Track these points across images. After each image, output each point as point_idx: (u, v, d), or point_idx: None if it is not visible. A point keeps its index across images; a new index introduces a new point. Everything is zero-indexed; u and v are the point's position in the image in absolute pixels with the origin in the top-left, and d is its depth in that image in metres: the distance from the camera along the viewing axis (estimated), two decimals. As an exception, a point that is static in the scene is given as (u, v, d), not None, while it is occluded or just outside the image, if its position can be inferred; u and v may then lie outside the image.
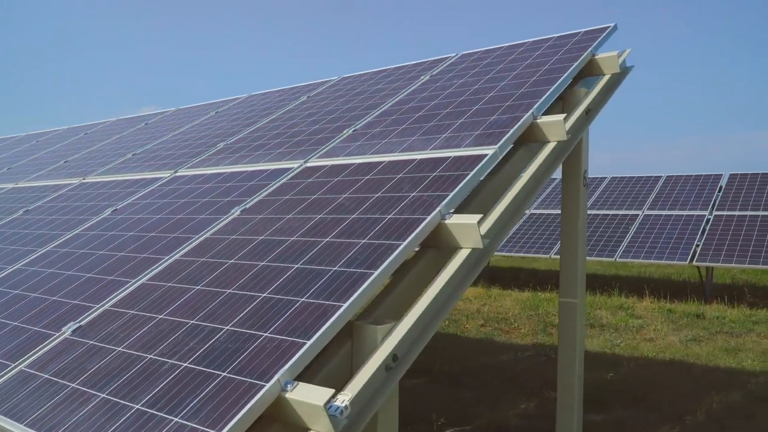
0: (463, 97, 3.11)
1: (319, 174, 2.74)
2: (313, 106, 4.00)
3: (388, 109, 3.35)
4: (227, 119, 4.53)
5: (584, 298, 3.02)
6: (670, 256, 8.77)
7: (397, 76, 4.04)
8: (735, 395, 4.93)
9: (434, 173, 2.32)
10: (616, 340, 6.87)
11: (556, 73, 2.97)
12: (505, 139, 2.41)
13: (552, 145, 2.58)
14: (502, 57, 3.61)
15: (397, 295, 1.95)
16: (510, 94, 2.92)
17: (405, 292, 1.97)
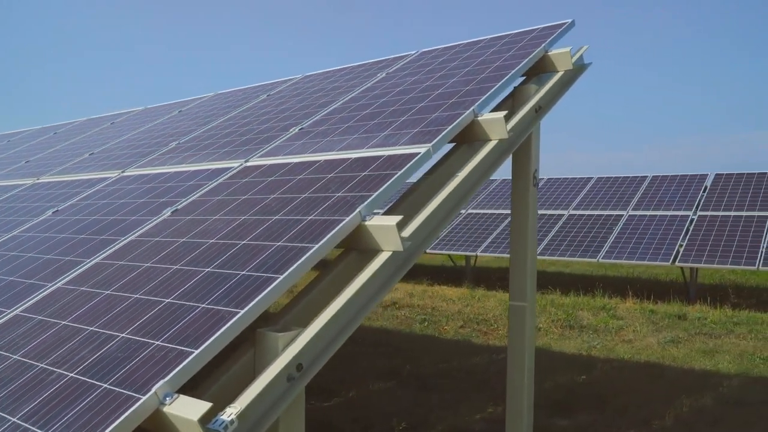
0: (411, 95, 3.03)
1: (256, 174, 2.65)
2: (270, 105, 3.91)
3: (339, 107, 3.26)
4: (187, 118, 4.45)
5: (534, 302, 2.94)
6: (653, 256, 8.70)
7: (357, 73, 3.95)
8: (707, 399, 4.86)
9: (364, 173, 2.24)
10: (593, 341, 6.79)
11: (505, 70, 2.89)
12: (439, 138, 2.33)
13: (493, 144, 2.50)
14: (459, 54, 3.53)
15: (312, 300, 1.86)
16: (457, 91, 2.84)
17: (320, 297, 1.89)
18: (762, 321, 7.68)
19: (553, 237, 9.85)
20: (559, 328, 7.53)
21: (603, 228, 9.68)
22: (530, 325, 2.92)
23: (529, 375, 2.94)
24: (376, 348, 6.59)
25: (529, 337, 2.92)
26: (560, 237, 9.77)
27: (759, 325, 7.49)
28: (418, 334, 7.36)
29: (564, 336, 7.14)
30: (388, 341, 6.93)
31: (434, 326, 7.82)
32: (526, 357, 2.91)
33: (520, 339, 2.91)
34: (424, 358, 6.18)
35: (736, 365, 5.79)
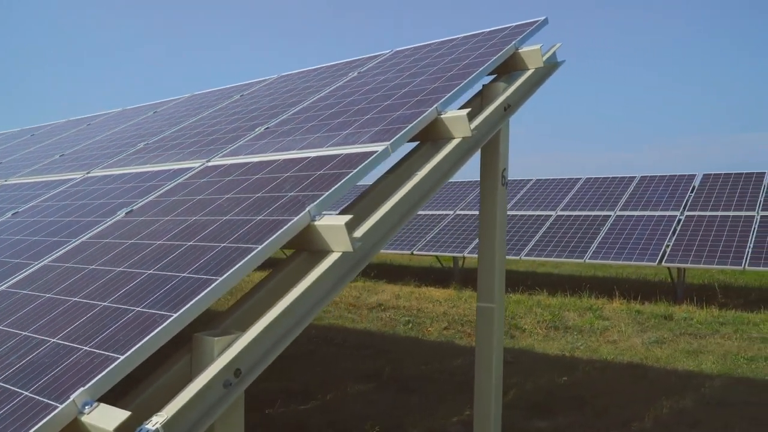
0: (378, 93, 2.97)
1: (215, 173, 2.59)
2: (241, 105, 3.85)
3: (306, 106, 3.21)
4: (161, 119, 4.38)
5: (502, 303, 2.89)
6: (640, 257, 8.67)
7: (329, 73, 3.90)
8: (688, 400, 4.82)
9: (319, 172, 2.18)
10: (577, 342, 6.75)
11: (472, 68, 2.84)
12: (398, 136, 2.27)
13: (456, 142, 2.45)
14: (432, 52, 3.48)
15: (257, 302, 1.80)
16: (423, 89, 2.79)
17: (267, 299, 1.83)
18: (748, 321, 7.65)
19: (540, 238, 9.81)
20: (544, 329, 7.49)
21: (590, 228, 9.65)
22: (498, 327, 2.87)
23: (497, 377, 2.89)
24: (358, 350, 6.53)
25: (497, 339, 2.87)
26: (547, 238, 9.73)
27: (744, 325, 7.47)
28: (402, 336, 7.30)
29: (548, 337, 7.10)
30: (370, 343, 6.87)
31: (418, 328, 7.76)
32: (494, 359, 2.86)
33: (488, 341, 2.85)
34: (406, 360, 6.12)
35: (720, 366, 5.75)
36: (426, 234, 11.12)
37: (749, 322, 7.61)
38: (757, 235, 8.38)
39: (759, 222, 8.67)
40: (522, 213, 10.84)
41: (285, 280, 1.89)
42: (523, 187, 11.90)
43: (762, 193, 9.28)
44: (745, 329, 7.23)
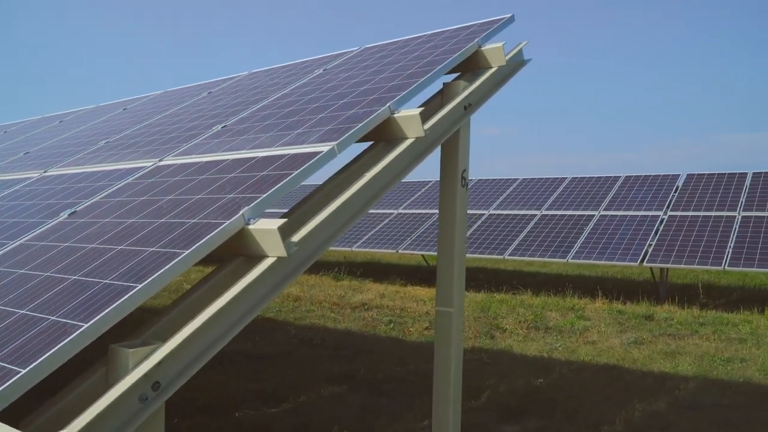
0: (338, 91, 2.91)
1: (164, 173, 2.52)
2: (206, 102, 3.78)
3: (267, 104, 3.14)
4: (128, 116, 4.30)
5: (461, 307, 2.83)
6: (622, 257, 8.64)
7: (297, 70, 3.83)
8: (661, 402, 4.78)
9: (263, 172, 2.11)
10: (556, 343, 6.71)
11: (432, 66, 2.78)
12: (346, 136, 2.21)
13: (410, 142, 2.39)
14: (398, 49, 3.42)
15: (184, 309, 1.74)
16: (381, 86, 2.73)
17: (194, 307, 1.76)
18: (728, 321, 7.64)
19: (524, 237, 9.78)
20: (525, 330, 7.45)
21: (574, 228, 9.61)
22: (457, 332, 2.81)
23: (456, 383, 2.83)
24: (336, 351, 6.47)
25: (456, 344, 2.81)
26: (531, 237, 9.69)
27: (724, 325, 7.45)
28: (382, 336, 7.24)
29: (528, 338, 7.06)
30: (349, 343, 6.81)
31: (400, 328, 7.71)
32: (453, 365, 2.80)
33: (446, 346, 2.80)
34: (383, 361, 6.07)
35: (696, 367, 5.72)
36: (412, 232, 11.07)
37: (729, 322, 7.59)
38: (737, 236, 8.37)
39: (740, 222, 8.66)
40: (507, 212, 10.80)
41: (217, 287, 1.82)
42: (509, 186, 11.86)
43: (743, 194, 9.27)
44: (724, 330, 7.21)
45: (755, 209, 8.93)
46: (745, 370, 5.64)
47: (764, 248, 8.06)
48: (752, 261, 7.85)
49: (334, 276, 11.85)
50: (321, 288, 10.84)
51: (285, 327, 7.64)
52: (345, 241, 11.47)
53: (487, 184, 12.25)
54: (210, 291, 1.80)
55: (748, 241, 8.26)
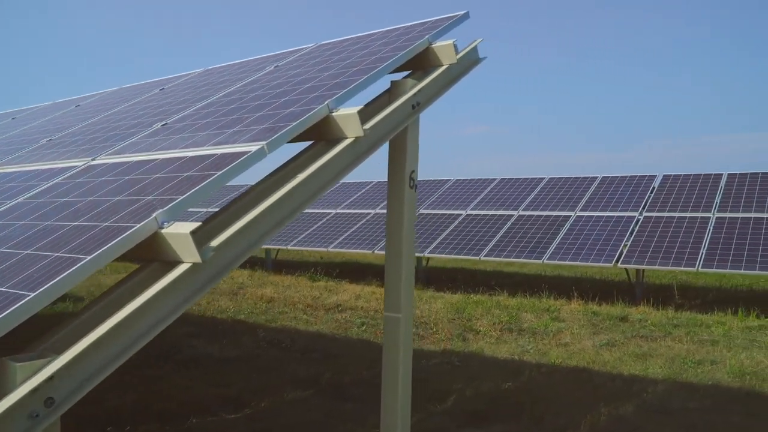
0: (283, 89, 2.80)
1: (93, 173, 2.40)
2: (155, 99, 3.66)
3: (212, 101, 3.03)
4: (78, 113, 4.17)
5: (410, 313, 2.73)
6: (597, 258, 8.60)
7: (250, 67, 3.72)
8: (629, 406, 4.72)
9: (188, 173, 2.00)
10: (528, 345, 6.65)
11: (378, 63, 2.68)
12: (278, 135, 2.10)
13: (348, 142, 2.29)
14: (352, 46, 3.32)
15: (87, 320, 1.62)
16: (325, 84, 2.62)
17: (100, 316, 1.65)
18: (701, 323, 7.62)
19: (501, 238, 9.72)
20: (498, 331, 7.38)
21: (550, 229, 9.57)
22: (405, 339, 2.72)
23: (404, 390, 2.74)
24: (304, 354, 6.36)
25: (404, 350, 2.72)
26: (507, 238, 9.64)
27: (698, 327, 7.43)
28: (354, 339, 7.14)
29: (501, 340, 6.99)
30: (319, 346, 6.70)
31: (372, 330, 7.61)
32: (401, 372, 2.70)
33: (394, 353, 2.70)
34: (352, 364, 5.96)
35: (666, 370, 5.68)
36: (388, 233, 10.97)
37: (702, 323, 7.58)
38: (711, 237, 8.37)
39: (714, 223, 8.65)
40: (484, 213, 10.74)
41: (126, 295, 1.71)
42: (487, 186, 11.81)
43: (718, 195, 9.28)
44: (697, 332, 7.19)
45: (729, 210, 8.94)
46: (714, 372, 5.61)
47: (738, 249, 8.06)
48: (725, 262, 7.84)
49: (310, 277, 11.73)
50: (297, 289, 10.71)
51: (255, 329, 7.52)
52: (321, 241, 11.35)
53: (465, 184, 12.19)
54: (119, 299, 1.69)
55: (722, 242, 8.26)
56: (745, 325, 7.47)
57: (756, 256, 7.82)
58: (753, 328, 7.33)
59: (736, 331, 7.24)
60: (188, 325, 7.75)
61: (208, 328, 7.64)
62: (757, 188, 9.32)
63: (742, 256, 7.90)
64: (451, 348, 6.62)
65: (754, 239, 8.18)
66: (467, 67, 2.98)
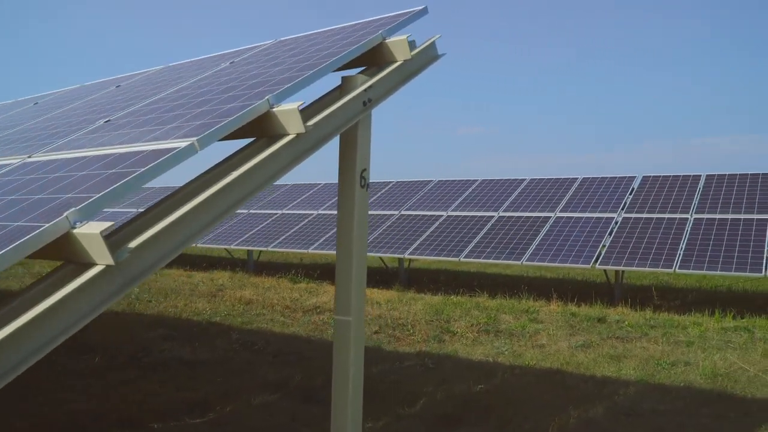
0: (230, 84, 2.72)
1: (24, 171, 2.31)
2: (107, 96, 3.56)
3: (162, 97, 2.94)
4: (34, 111, 4.06)
5: (361, 316, 2.66)
6: (575, 259, 8.57)
7: (208, 63, 3.63)
8: (599, 408, 4.67)
9: (111, 171, 1.92)
10: (503, 347, 6.59)
11: (328, 58, 2.60)
12: (211, 131, 2.02)
13: (290, 138, 2.21)
14: (307, 41, 3.24)
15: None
16: (272, 80, 2.54)
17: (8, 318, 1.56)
18: (678, 324, 7.60)
19: (481, 239, 9.67)
20: (475, 333, 7.33)
21: (530, 230, 9.53)
22: (356, 343, 2.64)
23: (355, 395, 2.66)
24: (277, 357, 6.27)
25: (354, 355, 2.64)
26: (488, 239, 9.59)
27: (674, 328, 7.41)
28: (329, 341, 7.05)
29: (477, 341, 6.93)
30: (293, 349, 6.61)
31: (348, 332, 7.52)
32: (351, 377, 2.63)
33: (345, 357, 2.63)
34: (324, 367, 5.87)
35: (640, 371, 5.64)
36: (369, 234, 10.89)
37: (679, 324, 7.55)
38: (689, 238, 8.35)
39: (692, 224, 8.65)
40: (465, 214, 10.69)
41: (40, 296, 1.62)
42: (468, 187, 11.76)
43: (696, 196, 9.28)
44: (673, 333, 7.16)
45: (707, 211, 8.94)
46: (687, 374, 5.57)
47: (714, 250, 8.05)
48: (702, 263, 7.83)
49: (291, 278, 11.63)
50: (276, 290, 10.61)
51: (229, 332, 7.41)
52: (302, 242, 11.26)
53: (447, 185, 12.14)
54: (32, 300, 1.60)
55: (699, 244, 8.25)
56: (721, 326, 7.46)
57: (732, 257, 7.82)
58: (729, 329, 7.32)
59: (712, 332, 7.22)
60: (162, 327, 7.64)
61: (183, 330, 7.53)
62: (734, 189, 9.33)
63: (719, 257, 7.89)
64: (427, 350, 6.55)
65: (730, 240, 8.18)
66: (424, 63, 2.91)
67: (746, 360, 6.01)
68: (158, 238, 1.76)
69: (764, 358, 6.09)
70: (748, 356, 6.14)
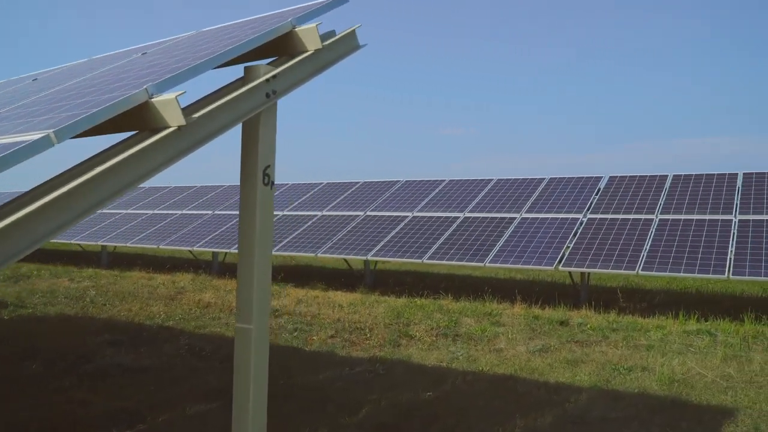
0: (126, 74, 2.51)
1: None
2: (19, 91, 3.32)
3: (59, 89, 2.72)
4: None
5: (264, 324, 2.46)
6: (538, 260, 8.44)
7: (121, 55, 3.41)
8: (547, 416, 4.51)
9: (-51, 165, 1.70)
10: (459, 351, 6.42)
11: (227, 47, 2.40)
12: (72, 123, 1.81)
13: (170, 131, 2.00)
14: (222, 32, 3.03)
15: None
16: (165, 69, 2.33)
17: None
18: (641, 327, 7.49)
19: (445, 240, 9.51)
20: (433, 337, 7.15)
21: (495, 231, 9.39)
22: (258, 352, 2.44)
23: (257, 407, 2.46)
24: (223, 363, 6.03)
25: (256, 365, 2.44)
26: (452, 240, 9.43)
27: (636, 331, 7.30)
28: (281, 346, 6.84)
29: (434, 346, 6.76)
30: (243, 354, 6.38)
31: (304, 336, 7.32)
32: (252, 389, 2.42)
33: (245, 368, 2.42)
34: (270, 373, 5.65)
35: (594, 377, 5.50)
36: (334, 235, 10.69)
37: (642, 328, 7.45)
38: (653, 239, 8.26)
39: (657, 225, 8.56)
40: (431, 214, 10.52)
41: None
42: (435, 187, 11.60)
43: (662, 196, 9.20)
44: (634, 336, 7.05)
45: (673, 212, 8.86)
46: (643, 380, 5.44)
47: (678, 252, 7.96)
48: (666, 265, 7.74)
49: (254, 281, 11.37)
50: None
51: (179, 336, 7.16)
52: (265, 244, 11.00)
53: (414, 185, 11.97)
54: None
55: (664, 245, 8.16)
56: (684, 329, 7.36)
57: (696, 259, 7.74)
58: (691, 332, 7.23)
59: (674, 335, 7.13)
60: (110, 333, 7.37)
61: (131, 335, 7.26)
62: (701, 190, 9.27)
63: (683, 258, 7.81)
64: (381, 355, 6.36)
65: (695, 241, 8.10)
66: (343, 53, 2.72)
67: (705, 365, 5.90)
68: (5, 235, 1.54)
69: (723, 362, 5.99)
70: (707, 361, 6.04)
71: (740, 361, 5.99)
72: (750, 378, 5.46)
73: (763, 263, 7.34)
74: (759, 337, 6.95)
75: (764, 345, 6.64)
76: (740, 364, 5.89)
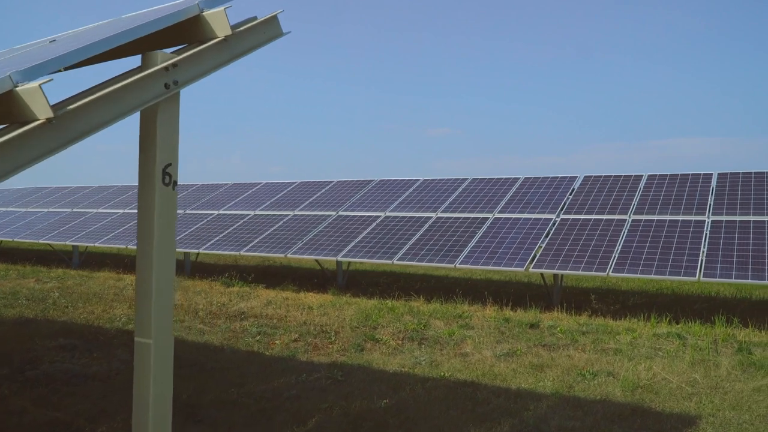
0: (11, 61, 2.27)
1: None
2: None
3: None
4: None
5: (167, 337, 2.24)
6: (509, 262, 8.27)
7: (33, 44, 3.16)
8: (503, 426, 4.33)
9: None
10: (422, 356, 6.22)
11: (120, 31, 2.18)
12: None
13: (36, 124, 1.78)
14: (135, 19, 2.80)
15: None
16: (46, 57, 2.11)
17: None
18: (611, 330, 7.34)
19: (416, 241, 9.31)
20: (399, 340, 6.95)
21: (467, 232, 9.21)
22: (159, 367, 2.22)
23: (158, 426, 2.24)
24: (178, 369, 5.78)
25: (157, 382, 2.22)
26: (423, 241, 9.24)
27: (606, 334, 7.14)
28: (241, 351, 6.61)
29: (398, 350, 6.56)
30: (199, 359, 6.15)
31: (267, 340, 7.09)
32: (151, 407, 2.21)
33: (145, 384, 2.21)
34: (223, 380, 5.44)
35: (558, 383, 5.32)
36: (305, 235, 10.46)
37: (612, 330, 7.29)
38: (625, 240, 8.12)
39: (629, 226, 8.42)
40: (403, 215, 10.32)
41: None
42: (409, 187, 11.40)
43: (636, 197, 9.07)
44: (603, 339, 6.89)
45: (646, 212, 8.73)
46: (607, 386, 5.28)
47: (650, 253, 7.82)
48: (637, 267, 7.59)
49: (224, 282, 11.13)
50: (206, 295, 10.10)
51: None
52: (234, 244, 10.76)
53: (388, 185, 11.77)
54: None
55: (636, 246, 8.02)
56: (654, 332, 7.22)
57: (668, 261, 7.60)
58: (661, 335, 7.08)
59: (644, 338, 6.98)
60: (66, 336, 7.10)
61: (87, 339, 7.00)
62: (675, 190, 9.14)
63: (654, 259, 7.67)
64: (342, 360, 6.16)
65: (667, 243, 7.97)
66: (261, 41, 2.50)
67: (672, 370, 5.75)
68: None
69: (690, 367, 5.84)
70: (674, 365, 5.89)
71: (707, 366, 5.84)
72: (716, 384, 5.31)
73: (734, 265, 7.21)
74: (729, 340, 6.81)
75: (733, 348, 6.51)
76: (707, 369, 5.74)
